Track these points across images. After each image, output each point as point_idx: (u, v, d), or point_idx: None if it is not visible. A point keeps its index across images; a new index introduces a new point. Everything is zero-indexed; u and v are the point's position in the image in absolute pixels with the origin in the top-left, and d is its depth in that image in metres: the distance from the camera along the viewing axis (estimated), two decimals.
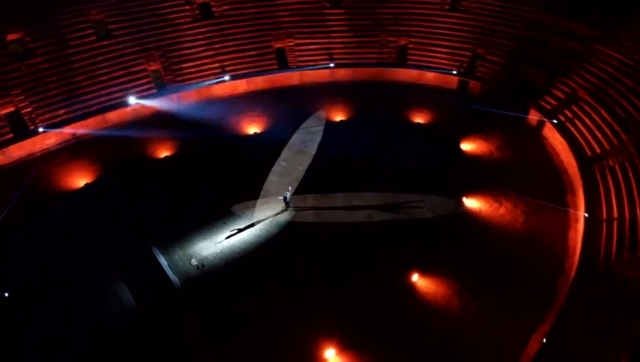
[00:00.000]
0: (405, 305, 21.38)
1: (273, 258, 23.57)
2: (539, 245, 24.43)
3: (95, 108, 33.04)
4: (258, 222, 25.66)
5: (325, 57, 39.16)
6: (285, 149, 31.09)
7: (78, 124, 31.98)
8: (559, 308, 20.18)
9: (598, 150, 28.73)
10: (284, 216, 26.08)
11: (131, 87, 34.47)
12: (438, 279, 22.51)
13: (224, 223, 25.59)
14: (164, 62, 35.90)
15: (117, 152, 30.79)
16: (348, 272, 22.72)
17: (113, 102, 33.66)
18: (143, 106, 34.04)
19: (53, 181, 28.48)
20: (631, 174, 25.47)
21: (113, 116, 33.29)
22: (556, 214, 26.13)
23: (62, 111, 32.01)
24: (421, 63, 38.98)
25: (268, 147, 31.03)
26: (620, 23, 33.77)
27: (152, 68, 35.48)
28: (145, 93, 34.69)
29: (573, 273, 21.98)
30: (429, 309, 21.20)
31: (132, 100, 33.59)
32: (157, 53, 35.78)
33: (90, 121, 32.48)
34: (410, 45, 39.66)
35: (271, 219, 25.87)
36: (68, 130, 31.58)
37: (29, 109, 31.21)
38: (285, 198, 25.98)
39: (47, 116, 31.46)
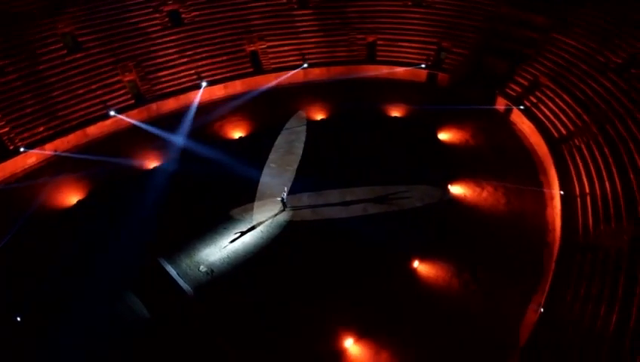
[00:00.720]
0: (410, 290, 22.81)
1: (279, 257, 24.40)
2: (522, 223, 26.51)
3: (75, 123, 32.53)
4: (259, 224, 26.39)
5: (298, 58, 39.96)
6: (273, 151, 31.82)
7: (58, 140, 31.44)
8: (550, 279, 22.26)
9: (564, 131, 31.16)
10: (283, 217, 26.92)
11: (109, 100, 34.08)
12: (437, 263, 24.10)
13: (225, 228, 26.16)
14: (140, 72, 35.66)
15: (103, 166, 30.44)
16: (352, 265, 23.87)
17: (92, 115, 33.22)
18: (123, 118, 33.78)
19: (43, 200, 27.96)
20: (597, 153, 27.96)
21: (94, 130, 32.91)
22: (533, 194, 28.35)
23: (41, 129, 31.37)
24: (390, 59, 40.44)
25: (255, 150, 31.62)
26: (572, 12, 36.50)
27: (128, 78, 35.19)
28: (123, 105, 34.40)
29: (557, 246, 24.14)
30: (433, 292, 22.73)
31: (111, 113, 33.24)
32: (131, 63, 35.49)
33: (71, 136, 32.01)
34: (378, 42, 41.07)
35: (270, 220, 26.65)
36: (49, 148, 30.98)
37: (6, 129, 30.39)
38: (283, 199, 26.79)
39: (26, 135, 30.74)
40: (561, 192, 26.67)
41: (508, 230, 26.04)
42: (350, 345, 20.38)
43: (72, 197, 28.27)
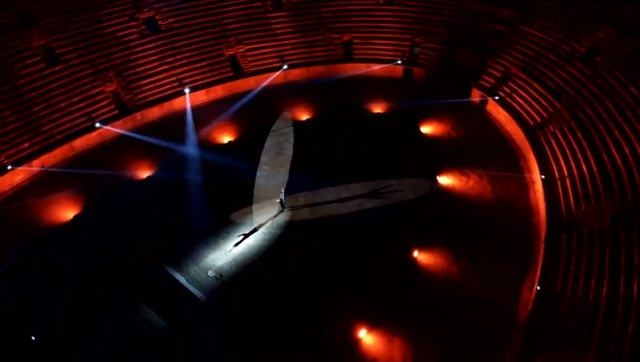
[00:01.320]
0: (413, 279, 24.04)
1: (284, 257, 25.14)
2: (508, 208, 28.23)
3: (60, 137, 32.06)
4: (260, 226, 27.00)
5: (277, 60, 40.53)
6: (263, 154, 32.38)
7: (45, 156, 30.98)
8: (541, 258, 23.95)
9: (538, 119, 33.07)
10: (283, 217, 27.62)
11: (92, 111, 33.72)
12: (434, 251, 25.43)
13: (227, 233, 26.65)
14: (121, 82, 35.40)
15: (93, 179, 30.22)
16: (357, 258, 24.87)
17: (77, 128, 32.83)
18: (108, 129, 33.56)
19: (37, 218, 27.61)
20: (571, 137, 29.95)
21: (80, 143, 32.55)
22: (515, 179, 30.12)
23: (26, 145, 30.79)
24: (367, 56, 41.57)
25: (246, 153, 32.08)
26: (536, 4, 38.54)
27: (110, 89, 34.88)
28: (108, 115, 34.08)
29: (543, 227, 25.95)
30: (434, 280, 24.02)
31: (96, 124, 32.99)
32: (112, 73, 35.19)
33: (58, 151, 31.57)
34: (354, 41, 42.11)
35: (271, 221, 27.31)
36: (36, 163, 30.54)
37: None
38: (281, 200, 27.47)
39: (11, 152, 30.11)
40: (542, 176, 28.46)
41: (496, 215, 27.66)
42: (364, 335, 21.40)
43: (67, 212, 28.00)
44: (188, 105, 36.37)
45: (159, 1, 38.79)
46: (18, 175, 29.98)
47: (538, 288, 22.06)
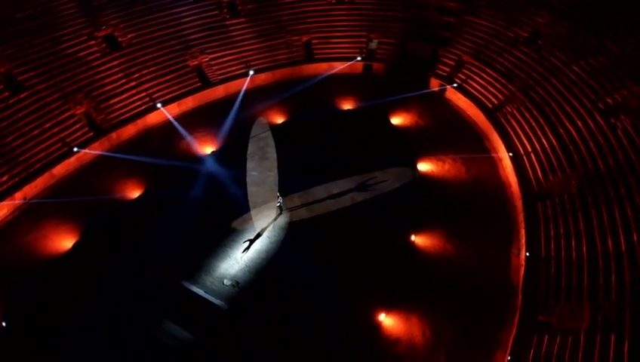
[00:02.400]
0: (416, 261, 26.30)
1: (293, 256, 26.51)
2: (483, 185, 31.21)
3: (38, 165, 31.24)
4: (263, 230, 28.18)
5: (242, 66, 41.27)
6: (248, 160, 33.31)
7: (26, 187, 30.17)
8: (523, 226, 27.01)
9: (495, 101, 36.33)
10: (282, 219, 28.93)
11: (67, 136, 33.02)
12: (428, 233, 27.84)
13: (233, 241, 27.61)
14: (91, 103, 34.82)
15: (83, 205, 29.91)
16: (359, 249, 26.74)
17: (54, 155, 32.11)
18: (87, 152, 33.13)
19: (32, 253, 27.09)
20: (528, 115, 33.35)
21: (60, 169, 31.86)
22: (485, 159, 33.17)
23: (4, 178, 29.84)
24: (328, 56, 43.25)
25: (231, 162, 32.85)
26: None
27: (80, 111, 34.21)
28: (83, 138, 33.50)
29: (519, 200, 29.04)
30: (433, 260, 26.43)
31: (74, 149, 32.49)
32: (80, 95, 34.54)
33: (39, 180, 30.74)
34: (313, 41, 43.60)
35: (272, 225, 28.55)
36: (18, 196, 29.73)
37: None
38: (280, 204, 28.74)
39: None
40: (510, 154, 31.63)
41: (474, 193, 30.54)
42: (383, 318, 23.39)
43: (64, 242, 27.72)
44: (171, 117, 36.89)
45: (116, 17, 38.26)
46: (2, 210, 29.10)
47: (527, 254, 24.97)
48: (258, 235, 27.91)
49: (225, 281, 25.41)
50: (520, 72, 36.20)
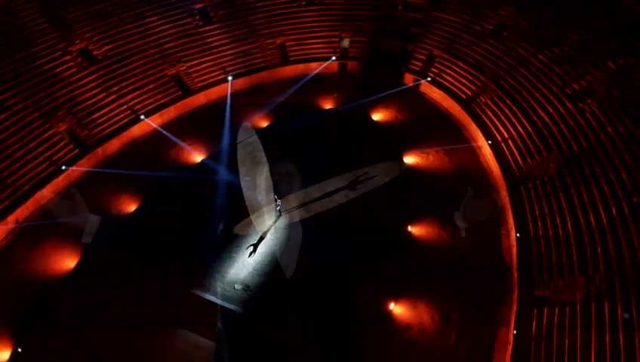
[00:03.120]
0: (415, 250, 27.79)
1: (300, 255, 27.49)
2: (467, 174, 33.02)
3: (27, 187, 30.70)
4: (265, 233, 28.96)
5: (220, 72, 41.57)
6: (240, 165, 33.88)
7: (18, 210, 29.68)
8: (509, 209, 29.00)
9: (469, 93, 38.28)
10: (282, 221, 29.77)
11: (52, 155, 32.54)
12: (424, 223, 29.40)
13: (237, 246, 28.26)
14: (73, 119, 34.38)
15: (77, 224, 29.72)
16: (361, 243, 27.95)
17: (42, 175, 31.60)
18: (74, 169, 32.81)
19: (35, 277, 26.86)
20: (501, 105, 35.44)
21: (49, 189, 31.52)
22: (465, 148, 35.03)
23: None
24: (303, 57, 44.10)
25: (223, 168, 33.35)
26: None
27: (63, 128, 33.74)
28: (69, 156, 33.09)
29: (502, 184, 31.03)
30: (431, 247, 28.01)
31: (62, 167, 32.12)
32: (61, 112, 34.05)
33: (29, 202, 30.30)
34: (287, 43, 44.32)
35: (273, 227, 29.36)
36: (11, 219, 29.24)
37: None
38: (279, 208, 29.55)
39: None
40: (489, 142, 33.60)
41: (459, 181, 32.16)
42: (393, 307, 24.76)
43: (67, 261, 27.60)
44: (158, 127, 36.97)
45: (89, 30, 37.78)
46: None
47: (517, 235, 26.91)
48: (261, 238, 28.66)
49: (236, 286, 26.07)
50: (489, 63, 38.27)
